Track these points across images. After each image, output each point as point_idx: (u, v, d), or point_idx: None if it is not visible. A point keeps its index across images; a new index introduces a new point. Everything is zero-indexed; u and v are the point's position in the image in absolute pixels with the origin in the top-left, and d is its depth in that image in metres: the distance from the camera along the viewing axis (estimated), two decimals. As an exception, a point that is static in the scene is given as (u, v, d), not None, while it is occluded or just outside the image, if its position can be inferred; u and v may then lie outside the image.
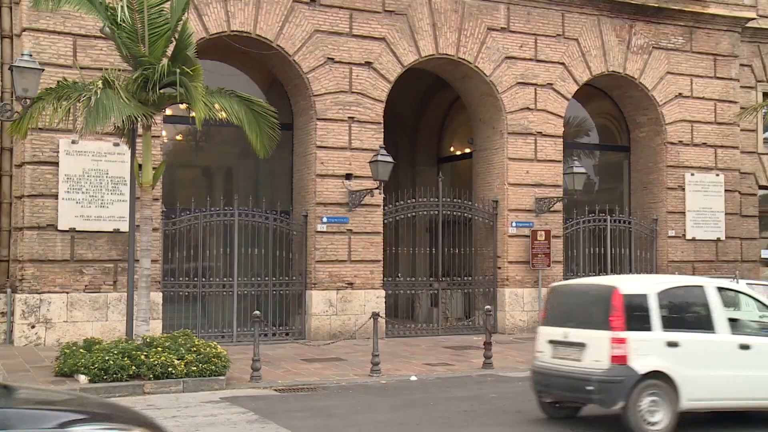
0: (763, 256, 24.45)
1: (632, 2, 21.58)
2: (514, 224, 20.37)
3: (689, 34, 22.55)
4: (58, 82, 13.30)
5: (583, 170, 20.51)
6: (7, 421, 4.96)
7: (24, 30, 16.31)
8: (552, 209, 20.62)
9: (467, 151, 23.02)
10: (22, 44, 16.16)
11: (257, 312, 14.38)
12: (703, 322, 9.90)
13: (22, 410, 5.42)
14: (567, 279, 20.97)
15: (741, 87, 23.57)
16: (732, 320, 10.19)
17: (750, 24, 23.46)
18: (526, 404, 11.69)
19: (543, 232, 20.25)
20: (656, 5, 21.85)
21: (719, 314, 9.88)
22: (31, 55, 13.39)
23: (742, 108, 23.02)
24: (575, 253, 21.45)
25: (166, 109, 15.55)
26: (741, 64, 23.62)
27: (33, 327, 16.01)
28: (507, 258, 20.35)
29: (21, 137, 14.37)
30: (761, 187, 24.45)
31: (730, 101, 23.04)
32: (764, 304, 11.31)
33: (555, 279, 20.61)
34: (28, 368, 13.53)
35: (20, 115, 13.15)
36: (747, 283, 16.18)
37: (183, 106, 14.42)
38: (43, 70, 13.45)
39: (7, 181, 16.85)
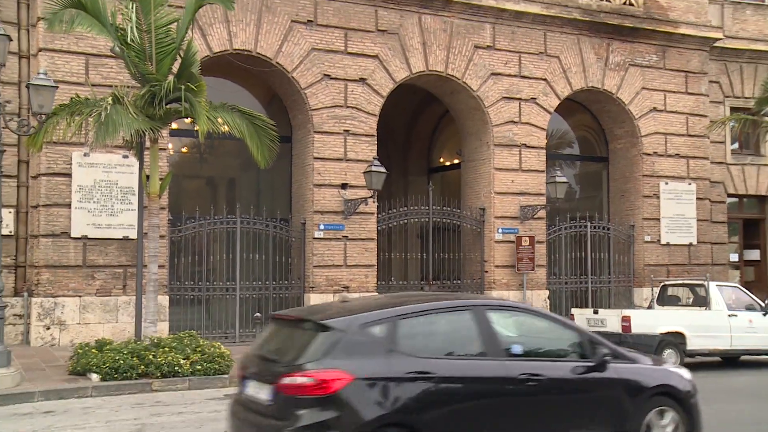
0: (731, 260, 24.55)
1: (609, 22, 21.65)
2: (500, 230, 20.37)
3: (662, 53, 22.63)
4: (71, 98, 13.31)
5: (564, 179, 20.48)
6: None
7: (40, 50, 16.33)
8: (536, 216, 20.63)
9: (456, 161, 23.01)
10: (38, 63, 16.18)
11: (258, 314, 14.39)
12: None
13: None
14: (549, 282, 21.08)
15: (710, 102, 23.68)
16: None
17: (717, 44, 23.59)
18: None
19: (527, 238, 20.25)
20: (631, 25, 21.94)
21: None
22: (46, 74, 13.34)
23: (711, 121, 23.07)
24: (558, 257, 21.47)
25: (172, 123, 15.57)
26: (710, 81, 23.74)
27: (48, 328, 15.97)
28: (494, 262, 20.35)
29: (36, 150, 14.32)
30: (730, 195, 24.60)
31: (701, 115, 23.11)
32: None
33: (538, 282, 20.72)
34: (44, 367, 13.51)
35: (36, 130, 13.10)
36: (717, 285, 16.24)
37: (188, 121, 14.45)
38: (57, 87, 13.39)
39: (24, 192, 16.81)
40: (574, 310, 16.24)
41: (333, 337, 6.71)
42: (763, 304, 16.16)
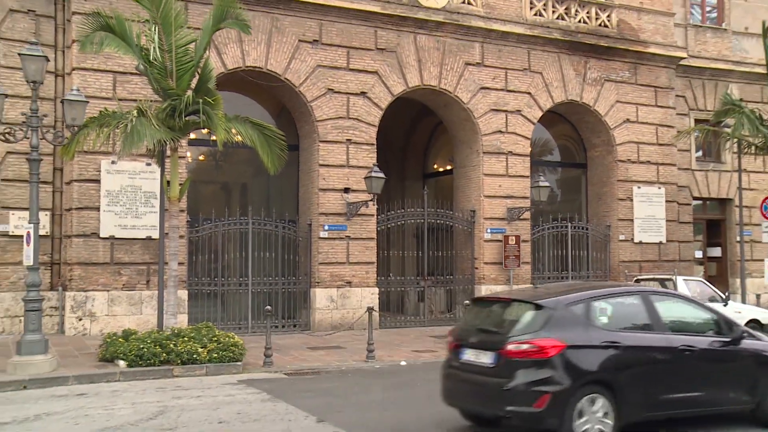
0: (696, 256, 24.62)
1: (586, 42, 21.71)
2: (489, 230, 20.40)
3: (634, 69, 22.69)
4: (100, 112, 13.31)
5: (547, 184, 20.55)
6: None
7: (73, 69, 16.40)
8: (521, 217, 20.66)
9: (449, 168, 22.99)
10: (71, 81, 16.23)
11: (269, 307, 14.41)
12: None
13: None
14: (534, 277, 21.12)
15: (677, 114, 23.73)
16: None
17: (682, 62, 23.68)
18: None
19: (514, 237, 20.31)
20: (606, 45, 22.00)
21: None
22: (78, 90, 13.40)
23: (678, 132, 23.16)
24: (541, 254, 21.49)
25: (191, 134, 15.59)
26: (676, 95, 23.80)
27: (80, 320, 16.05)
28: (483, 259, 20.38)
29: (69, 159, 14.36)
30: (695, 198, 24.68)
31: (668, 126, 23.16)
32: None
33: (524, 277, 20.73)
34: (77, 354, 13.59)
35: (69, 141, 13.14)
36: (683, 279, 16.33)
37: (205, 131, 14.45)
38: (88, 102, 13.43)
39: (58, 196, 16.85)
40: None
41: (546, 314, 7.88)
42: (723, 296, 16.27)
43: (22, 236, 14.88)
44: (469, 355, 8.22)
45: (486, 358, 7.91)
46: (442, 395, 8.66)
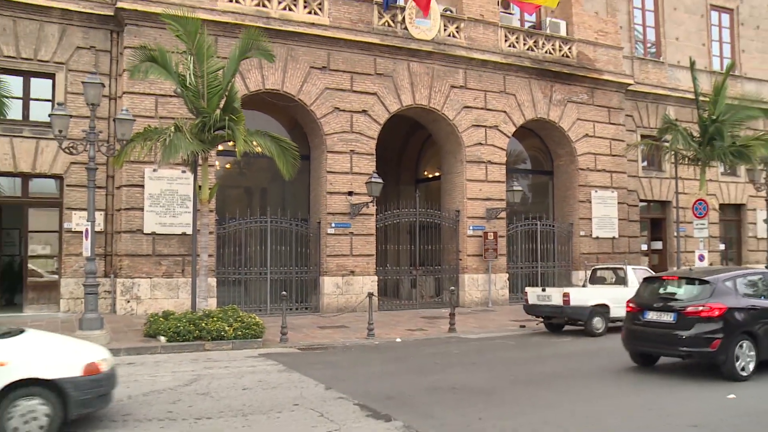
0: (642, 249, 24.77)
1: (552, 69, 21.81)
2: (471, 228, 20.48)
3: (591, 93, 22.80)
4: (144, 128, 13.47)
5: (520, 188, 20.62)
6: None
7: (124, 93, 16.47)
8: (498, 217, 20.76)
9: (437, 174, 23.02)
10: (122, 103, 16.32)
11: (284, 292, 14.45)
12: None
13: None
14: (509, 267, 21.20)
15: (626, 130, 23.86)
16: None
17: (630, 87, 23.85)
18: (481, 357, 11.87)
19: (492, 233, 20.39)
20: (568, 72, 22.12)
21: None
22: (127, 110, 13.48)
23: (627, 145, 23.36)
24: (515, 248, 21.55)
25: (219, 146, 15.60)
26: (626, 115, 23.95)
27: (128, 302, 16.16)
28: (466, 252, 20.45)
29: (119, 167, 14.50)
30: (641, 201, 24.82)
31: (620, 140, 23.27)
32: None
33: (500, 267, 20.80)
34: (126, 330, 13.71)
35: (119, 152, 13.26)
36: (632, 268, 16.38)
37: (231, 144, 14.47)
38: (134, 120, 13.54)
39: (110, 199, 16.93)
40: (527, 288, 16.23)
41: (711, 287, 9.89)
42: None
43: (81, 232, 15.14)
44: (652, 315, 10.17)
45: (668, 317, 9.93)
46: (625, 342, 10.63)
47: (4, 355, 6.63)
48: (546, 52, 21.91)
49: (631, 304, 10.67)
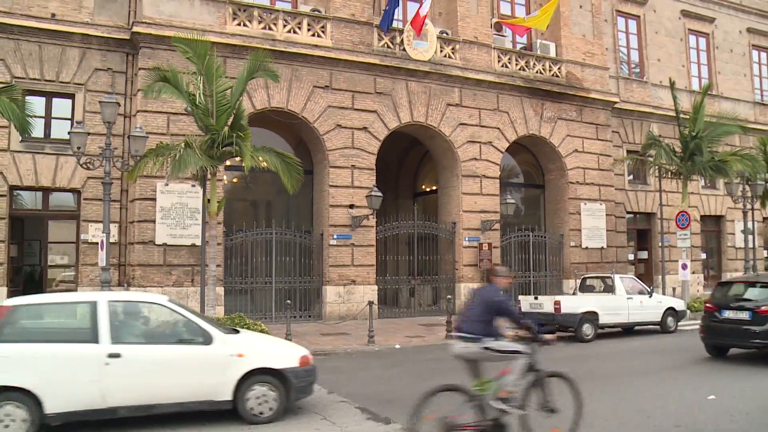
0: (629, 258, 24.78)
1: (543, 88, 21.90)
2: (466, 239, 20.47)
3: (580, 110, 22.87)
4: (156, 144, 13.57)
5: (513, 201, 20.69)
6: None
7: (138, 111, 16.54)
8: (492, 228, 20.74)
9: (434, 188, 23.08)
10: (136, 120, 16.38)
11: (289, 301, 14.48)
12: None
13: None
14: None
15: (613, 146, 23.88)
16: None
17: (616, 105, 23.93)
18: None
19: (486, 244, 20.38)
20: (558, 91, 22.19)
21: None
22: (141, 128, 13.57)
23: (614, 160, 23.41)
24: (509, 258, 21.48)
25: (227, 161, 15.64)
26: (613, 131, 23.95)
27: (140, 310, 16.06)
28: (462, 262, 20.42)
29: (132, 182, 14.55)
30: (628, 212, 24.82)
31: (607, 155, 23.30)
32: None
33: (494, 276, 20.74)
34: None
35: (133, 168, 13.35)
36: (619, 277, 16.40)
37: (238, 159, 14.53)
38: (147, 137, 13.61)
39: (124, 212, 16.96)
40: (520, 297, 16.27)
41: None
42: (649, 289, 16.42)
43: (97, 243, 15.13)
44: (729, 314, 11.20)
45: (744, 315, 10.97)
46: (703, 336, 11.63)
47: (241, 348, 7.59)
48: (537, 72, 22.01)
49: (708, 304, 11.77)
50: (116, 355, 6.98)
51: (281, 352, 7.99)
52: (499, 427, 6.10)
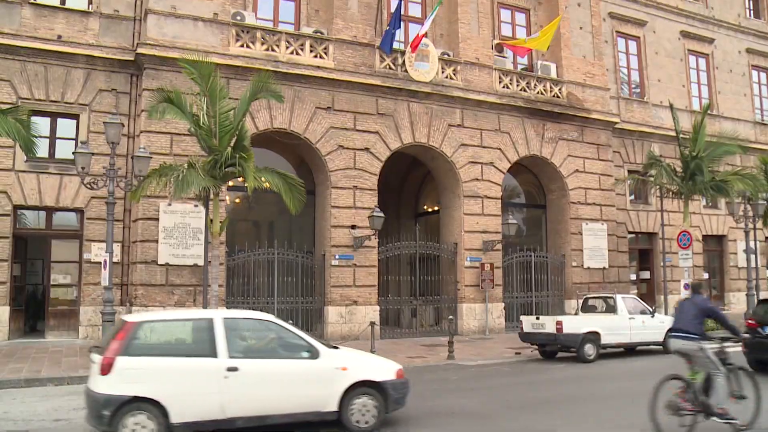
0: (631, 278, 24.71)
1: (544, 109, 22.01)
2: (468, 259, 20.40)
3: (581, 131, 22.97)
4: (160, 165, 13.61)
5: (515, 221, 20.65)
6: None
7: (141, 132, 16.67)
8: (494, 249, 20.68)
9: (436, 208, 23.00)
10: (140, 141, 16.53)
11: (290, 321, 14.40)
12: None
13: None
14: (505, 297, 21.14)
15: (614, 166, 23.94)
16: None
17: (617, 126, 24.07)
18: (478, 383, 11.80)
19: (488, 264, 20.30)
20: (559, 111, 22.30)
21: None
22: (144, 148, 13.70)
23: (615, 180, 23.45)
24: (510, 278, 21.42)
25: (229, 182, 15.72)
26: (614, 151, 24.06)
27: (141, 330, 16.01)
28: (464, 282, 20.34)
29: (136, 202, 14.60)
30: (630, 232, 24.81)
31: (608, 175, 23.34)
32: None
33: (497, 297, 20.67)
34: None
35: (136, 188, 13.42)
36: (621, 297, 16.34)
37: (240, 180, 14.58)
38: (151, 157, 13.72)
39: (127, 231, 17.04)
40: (522, 317, 16.16)
41: None
42: (651, 309, 16.35)
43: (100, 263, 15.19)
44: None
45: None
46: (746, 353, 11.76)
47: (344, 362, 8.11)
48: (538, 92, 22.17)
49: (750, 321, 12.36)
50: (234, 369, 7.39)
51: (379, 366, 8.49)
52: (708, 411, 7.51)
